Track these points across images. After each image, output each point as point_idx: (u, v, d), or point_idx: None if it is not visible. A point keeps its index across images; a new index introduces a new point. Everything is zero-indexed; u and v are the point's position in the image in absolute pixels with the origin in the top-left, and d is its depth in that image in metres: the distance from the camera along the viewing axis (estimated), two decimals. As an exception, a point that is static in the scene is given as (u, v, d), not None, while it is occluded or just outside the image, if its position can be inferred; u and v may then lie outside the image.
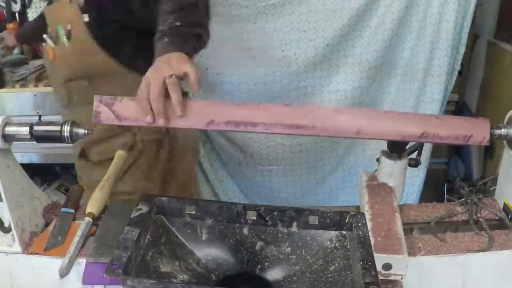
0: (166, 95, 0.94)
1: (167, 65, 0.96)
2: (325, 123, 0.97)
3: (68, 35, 1.31)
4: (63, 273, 0.97)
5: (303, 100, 2.11)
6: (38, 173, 2.45)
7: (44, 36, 1.38)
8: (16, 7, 2.60)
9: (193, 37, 1.09)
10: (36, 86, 2.19)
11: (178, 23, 1.07)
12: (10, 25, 2.45)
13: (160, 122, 0.95)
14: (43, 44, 1.42)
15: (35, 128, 0.98)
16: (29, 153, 2.27)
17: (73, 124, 0.98)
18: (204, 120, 0.97)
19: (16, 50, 2.49)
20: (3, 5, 2.55)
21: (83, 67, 1.33)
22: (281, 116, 0.97)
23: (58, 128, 0.97)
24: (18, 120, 1.02)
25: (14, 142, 1.01)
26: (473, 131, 0.99)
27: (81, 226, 1.08)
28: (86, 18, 1.30)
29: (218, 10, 1.96)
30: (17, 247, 1.04)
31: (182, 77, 0.95)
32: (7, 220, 1.04)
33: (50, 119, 1.08)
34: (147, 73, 0.96)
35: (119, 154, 1.29)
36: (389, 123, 0.98)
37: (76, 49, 1.32)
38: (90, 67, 1.32)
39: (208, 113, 0.96)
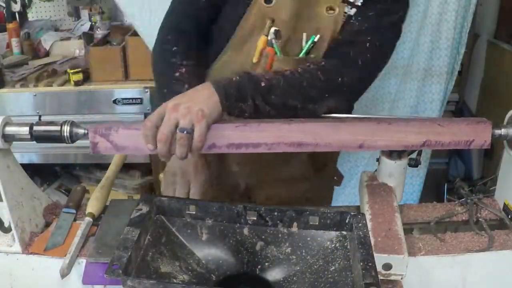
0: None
1: (186, 109, 0.88)
2: (327, 139, 0.96)
3: (309, 48, 1.11)
4: (64, 273, 0.97)
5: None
6: (38, 173, 2.45)
7: (271, 37, 1.09)
8: (16, 7, 2.61)
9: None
10: (36, 86, 2.19)
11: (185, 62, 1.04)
12: (10, 25, 2.46)
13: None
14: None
15: (35, 128, 0.98)
16: (29, 153, 2.28)
17: (73, 124, 0.98)
18: (205, 144, 0.93)
19: (16, 50, 2.49)
20: (3, 5, 2.55)
21: None
22: (283, 135, 0.95)
23: (58, 128, 0.97)
24: (18, 120, 1.03)
25: (14, 142, 1.01)
26: (475, 136, 0.99)
27: (81, 226, 1.08)
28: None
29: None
30: (17, 247, 1.04)
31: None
32: (7, 220, 1.04)
33: (50, 119, 1.08)
34: (169, 103, 0.89)
35: (120, 156, 1.30)
36: (391, 134, 0.98)
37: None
38: None
39: (208, 137, 0.92)
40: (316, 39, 1.09)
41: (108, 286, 0.99)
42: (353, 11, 1.09)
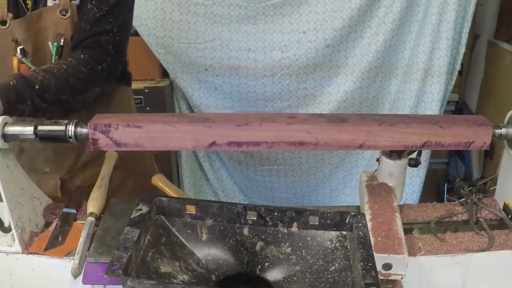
0: None
1: None
2: (328, 139, 0.97)
3: (59, 52, 1.20)
4: (76, 273, 0.98)
5: (303, 101, 2.11)
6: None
7: (19, 56, 1.18)
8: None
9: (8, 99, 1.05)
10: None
11: (15, 81, 1.06)
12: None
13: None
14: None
15: (40, 127, 0.97)
16: (29, 153, 2.27)
17: (78, 123, 0.97)
18: (206, 142, 0.96)
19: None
20: (3, 5, 2.55)
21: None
22: (284, 134, 0.97)
23: (62, 128, 0.97)
24: (18, 119, 1.03)
25: (13, 142, 1.01)
26: (475, 138, 1.00)
27: (85, 226, 1.08)
28: None
29: (217, 10, 1.96)
30: (17, 247, 1.04)
31: None
32: (7, 220, 1.04)
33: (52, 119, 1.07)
34: None
35: (110, 154, 1.30)
36: (391, 135, 0.98)
37: None
38: None
39: (209, 135, 0.95)
40: (62, 43, 1.19)
41: (108, 286, 0.99)
42: (77, 1, 1.19)
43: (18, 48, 1.17)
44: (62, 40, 1.19)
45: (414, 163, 1.13)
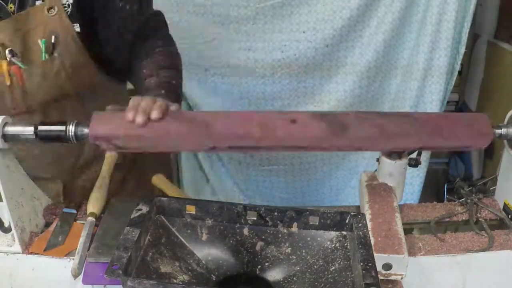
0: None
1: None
2: (325, 144, 0.97)
3: (49, 49, 1.17)
4: (76, 274, 0.98)
5: (303, 100, 2.11)
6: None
7: (8, 56, 1.15)
8: (14, 7, 2.60)
9: (179, 98, 1.18)
10: (36, 86, 2.19)
11: (174, 82, 1.16)
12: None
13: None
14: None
15: (40, 128, 0.97)
16: (29, 153, 2.27)
17: (78, 124, 0.97)
18: (206, 146, 0.94)
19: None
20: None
21: (72, 83, 1.20)
22: (284, 140, 0.95)
23: (63, 128, 0.96)
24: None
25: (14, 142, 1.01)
26: (474, 141, 0.99)
27: (85, 226, 1.08)
28: (77, 28, 1.18)
29: (217, 10, 1.96)
30: (17, 247, 1.04)
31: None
32: (7, 220, 1.04)
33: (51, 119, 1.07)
34: (135, 98, 0.98)
35: (110, 154, 1.30)
36: (391, 144, 0.98)
37: (66, 64, 1.17)
38: (79, 83, 1.21)
39: (209, 138, 0.93)
40: (53, 40, 1.16)
41: (108, 286, 0.99)
42: None
43: (7, 50, 1.14)
44: (53, 38, 1.16)
45: (414, 163, 1.13)
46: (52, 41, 1.16)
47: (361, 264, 0.76)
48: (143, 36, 1.24)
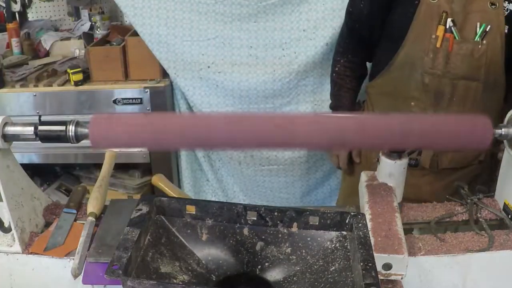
0: None
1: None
2: (323, 145, 0.98)
3: (482, 34, 1.35)
4: (76, 274, 0.98)
5: (303, 98, 2.12)
6: (38, 173, 2.44)
7: (449, 24, 1.36)
8: (16, 7, 2.60)
9: None
10: (36, 86, 2.19)
11: None
12: (10, 25, 2.46)
13: None
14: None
15: (40, 128, 0.97)
16: (29, 153, 2.27)
17: (78, 124, 0.97)
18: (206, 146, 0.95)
19: (16, 50, 2.49)
20: (3, 5, 2.55)
21: (484, 71, 1.37)
22: (282, 138, 0.96)
23: (63, 128, 0.96)
24: (18, 120, 1.02)
25: (14, 142, 1.01)
26: (474, 141, 0.99)
27: (85, 226, 1.08)
28: (506, 30, 1.35)
29: (219, 8, 1.97)
30: (17, 247, 1.04)
31: None
32: (7, 220, 1.04)
33: (50, 119, 1.07)
34: None
35: (110, 155, 1.30)
36: (389, 140, 0.98)
37: (488, 53, 1.35)
38: (493, 72, 1.38)
39: (209, 138, 0.95)
40: (487, 29, 1.34)
41: (108, 286, 0.99)
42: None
43: (449, 19, 1.35)
44: (488, 27, 1.33)
45: (414, 163, 1.13)
46: (487, 29, 1.35)
47: (361, 264, 0.76)
48: None
